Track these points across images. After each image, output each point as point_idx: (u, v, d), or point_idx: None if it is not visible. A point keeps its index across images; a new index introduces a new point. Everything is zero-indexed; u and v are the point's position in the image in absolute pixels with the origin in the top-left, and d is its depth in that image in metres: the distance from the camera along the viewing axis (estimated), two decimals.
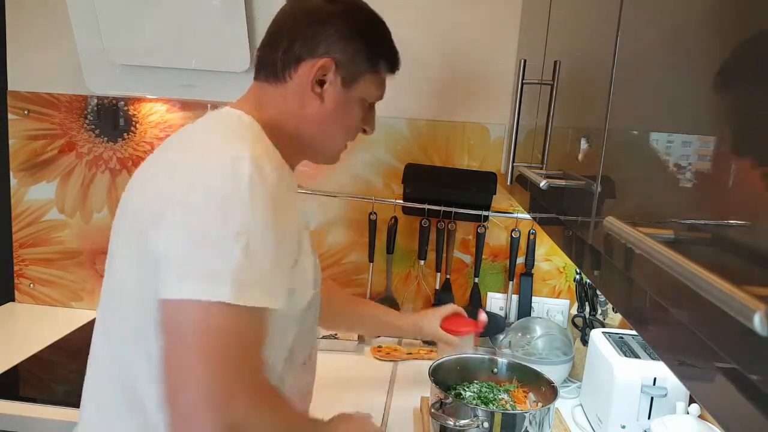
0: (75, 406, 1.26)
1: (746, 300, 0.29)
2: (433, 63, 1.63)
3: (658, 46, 0.53)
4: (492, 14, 1.59)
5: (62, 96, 1.73)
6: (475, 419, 1.11)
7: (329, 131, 0.92)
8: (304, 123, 0.89)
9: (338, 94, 0.88)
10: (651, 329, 0.51)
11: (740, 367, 0.34)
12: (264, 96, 0.90)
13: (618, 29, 0.62)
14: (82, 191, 1.78)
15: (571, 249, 0.80)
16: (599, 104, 0.66)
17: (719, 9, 0.43)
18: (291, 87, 0.88)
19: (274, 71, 0.88)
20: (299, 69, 0.87)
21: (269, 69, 0.89)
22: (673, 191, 0.47)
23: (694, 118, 0.45)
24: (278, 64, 0.87)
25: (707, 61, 0.43)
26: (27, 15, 1.71)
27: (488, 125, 1.64)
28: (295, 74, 0.87)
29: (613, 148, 0.63)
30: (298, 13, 0.89)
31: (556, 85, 0.88)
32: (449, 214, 1.64)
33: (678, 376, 0.45)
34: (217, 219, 0.70)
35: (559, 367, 1.45)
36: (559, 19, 0.99)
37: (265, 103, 0.89)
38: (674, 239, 0.44)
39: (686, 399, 1.13)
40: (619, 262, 0.56)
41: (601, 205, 0.63)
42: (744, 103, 0.37)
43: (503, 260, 1.70)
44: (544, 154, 0.90)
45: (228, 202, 0.71)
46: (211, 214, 0.70)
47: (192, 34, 1.41)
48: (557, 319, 1.66)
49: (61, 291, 1.84)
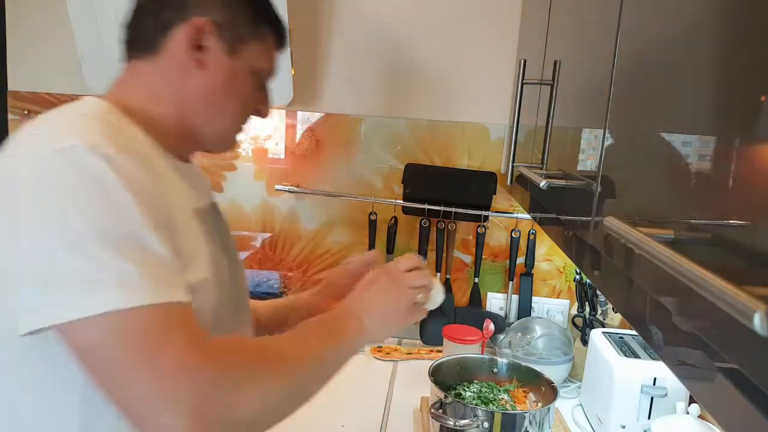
0: None
1: (746, 300, 0.29)
2: (433, 63, 1.63)
3: (658, 46, 0.53)
4: (492, 14, 1.59)
5: (62, 96, 1.73)
6: (475, 419, 1.11)
7: (218, 107, 0.78)
8: (188, 100, 0.76)
9: (222, 62, 0.76)
10: (651, 329, 0.51)
11: (740, 367, 0.34)
12: (136, 76, 0.77)
13: (618, 29, 0.62)
14: None
15: (571, 249, 0.80)
16: (599, 104, 0.66)
17: (719, 9, 0.43)
18: (165, 59, 0.74)
19: (144, 43, 0.75)
20: (173, 34, 0.74)
21: (138, 42, 0.76)
22: (673, 191, 0.47)
23: (694, 118, 0.45)
24: (147, 32, 0.75)
25: (707, 61, 0.43)
26: (27, 15, 1.71)
27: (488, 125, 1.64)
28: (167, 42, 0.74)
29: (613, 148, 0.62)
30: None
31: (556, 85, 0.88)
32: (449, 214, 1.64)
33: (678, 376, 0.45)
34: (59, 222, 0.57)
35: (559, 367, 1.45)
36: (559, 19, 0.99)
37: (138, 83, 0.76)
38: (674, 239, 0.44)
39: (686, 399, 1.13)
40: (619, 262, 0.56)
41: (601, 205, 0.63)
42: (744, 103, 0.37)
43: (503, 260, 1.70)
44: (544, 154, 0.90)
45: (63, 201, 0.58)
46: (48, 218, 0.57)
47: None
48: (557, 319, 1.66)
49: None
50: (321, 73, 1.67)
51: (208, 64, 0.75)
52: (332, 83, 1.67)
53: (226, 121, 0.80)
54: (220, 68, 0.76)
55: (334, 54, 1.66)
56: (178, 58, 0.74)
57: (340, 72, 1.66)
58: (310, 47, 1.65)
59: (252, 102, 0.82)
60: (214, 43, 0.75)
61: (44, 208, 0.58)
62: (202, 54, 0.75)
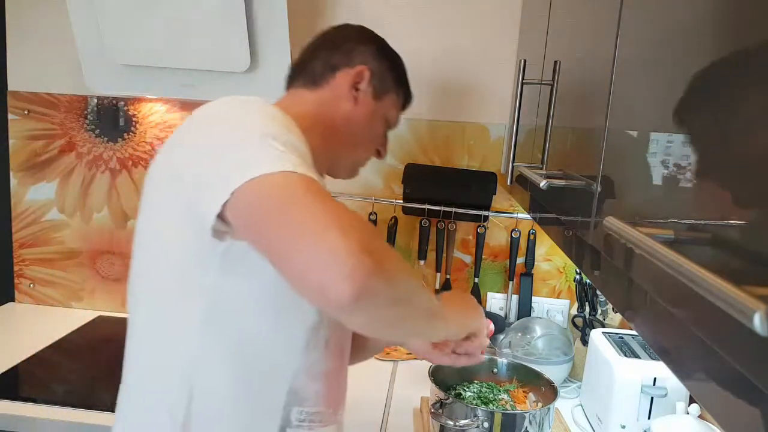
0: (74, 406, 1.28)
1: (746, 300, 0.29)
2: (433, 63, 1.63)
3: (658, 46, 0.53)
4: (492, 14, 1.59)
5: (62, 96, 1.73)
6: (475, 419, 1.11)
7: (356, 137, 0.97)
8: (335, 126, 0.93)
9: (369, 102, 0.96)
10: (651, 329, 0.51)
11: (740, 366, 0.34)
12: (298, 98, 0.94)
13: (618, 29, 0.62)
14: (82, 191, 1.78)
15: (571, 249, 0.80)
16: (599, 104, 0.66)
17: (719, 9, 0.43)
18: (327, 91, 0.94)
19: (312, 77, 0.95)
20: (337, 76, 0.95)
21: (307, 76, 0.96)
22: (673, 191, 0.47)
23: (694, 117, 0.45)
24: (317, 70, 0.95)
25: (707, 61, 0.43)
26: (27, 15, 1.71)
27: (488, 125, 1.64)
28: (332, 80, 0.95)
29: (613, 148, 0.62)
30: (336, 35, 1.01)
31: (556, 85, 0.88)
32: (449, 214, 1.64)
33: (678, 376, 0.45)
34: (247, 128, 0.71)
35: (559, 367, 1.45)
36: (559, 19, 0.99)
37: (299, 103, 0.93)
38: (674, 239, 0.44)
39: (686, 399, 1.13)
40: (619, 262, 0.56)
41: (601, 205, 0.63)
42: (744, 103, 0.37)
43: (503, 260, 1.70)
44: (544, 154, 0.90)
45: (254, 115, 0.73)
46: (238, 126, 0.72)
47: (192, 33, 1.41)
48: (557, 319, 1.66)
49: (61, 291, 1.84)
50: None
51: (359, 101, 0.95)
52: None
53: (357, 150, 0.99)
54: (366, 107, 0.96)
55: None
56: (337, 93, 0.94)
57: None
58: None
59: (378, 142, 1.02)
60: (366, 86, 0.95)
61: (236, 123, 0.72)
62: (357, 93, 0.95)
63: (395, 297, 0.65)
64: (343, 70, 0.95)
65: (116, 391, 0.84)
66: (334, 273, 0.57)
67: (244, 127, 0.71)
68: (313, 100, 0.94)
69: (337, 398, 0.87)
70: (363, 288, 0.57)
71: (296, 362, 0.79)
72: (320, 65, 0.96)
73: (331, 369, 0.83)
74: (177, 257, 0.75)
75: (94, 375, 1.45)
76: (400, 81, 1.02)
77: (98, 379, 1.43)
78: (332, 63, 0.95)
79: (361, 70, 0.94)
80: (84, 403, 1.28)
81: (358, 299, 0.57)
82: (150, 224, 0.80)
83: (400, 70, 1.03)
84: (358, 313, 0.61)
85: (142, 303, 0.81)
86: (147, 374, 0.80)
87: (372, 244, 0.60)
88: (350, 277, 0.57)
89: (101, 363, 1.51)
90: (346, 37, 0.99)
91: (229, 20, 1.38)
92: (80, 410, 1.26)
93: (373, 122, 0.98)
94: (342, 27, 1.03)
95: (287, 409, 0.78)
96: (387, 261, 0.63)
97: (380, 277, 0.60)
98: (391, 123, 1.03)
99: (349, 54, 0.96)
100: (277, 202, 0.63)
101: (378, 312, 0.64)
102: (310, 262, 0.58)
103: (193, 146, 0.74)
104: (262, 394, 0.78)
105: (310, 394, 0.80)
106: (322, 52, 0.97)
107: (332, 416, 0.86)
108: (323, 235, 0.58)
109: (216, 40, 1.41)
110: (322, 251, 0.58)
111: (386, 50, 1.01)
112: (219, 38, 1.41)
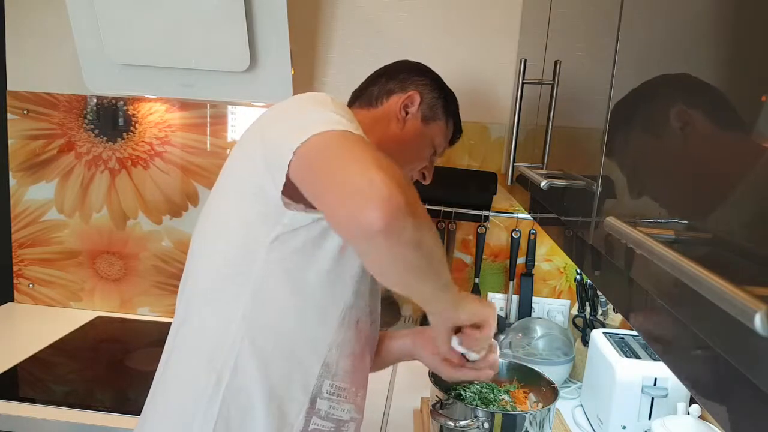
0: (73, 407, 1.28)
1: (747, 300, 0.28)
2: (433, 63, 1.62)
3: (658, 46, 0.53)
4: (492, 14, 1.59)
5: (61, 96, 1.73)
6: (476, 420, 1.11)
7: (401, 155, 1.03)
8: (383, 143, 1.01)
9: (416, 125, 1.07)
10: (651, 330, 0.50)
11: (740, 367, 0.34)
12: (354, 115, 1.00)
13: (618, 29, 0.62)
14: (82, 191, 1.78)
15: (572, 249, 0.80)
16: (599, 104, 0.66)
17: (720, 8, 0.43)
18: (380, 112, 1.07)
19: (368, 100, 1.08)
20: (390, 99, 1.07)
21: (364, 99, 1.09)
22: (674, 191, 0.47)
23: (694, 117, 0.45)
24: (374, 94, 1.08)
25: (707, 61, 0.43)
26: (27, 15, 1.71)
27: (488, 125, 1.64)
28: (386, 103, 1.07)
29: (614, 148, 0.62)
30: (395, 67, 1.13)
31: (556, 85, 0.88)
32: (449, 214, 1.64)
33: (678, 377, 0.45)
34: (311, 106, 0.80)
35: (559, 368, 1.45)
36: (559, 19, 0.99)
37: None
38: (674, 239, 0.44)
39: (687, 399, 1.13)
40: (620, 263, 0.56)
41: (602, 205, 0.63)
42: (744, 103, 0.37)
43: (504, 260, 1.69)
44: (545, 154, 0.90)
45: (318, 99, 0.81)
46: (304, 106, 0.81)
47: (192, 33, 1.41)
48: (558, 320, 1.66)
49: (61, 291, 1.84)
50: (320, 74, 1.67)
51: (408, 122, 1.06)
52: (332, 83, 1.67)
53: (403, 169, 1.02)
54: (414, 129, 1.07)
55: (333, 54, 1.66)
56: (389, 114, 1.06)
57: (340, 72, 1.66)
58: (311, 47, 1.65)
59: (423, 164, 1.12)
60: (415, 110, 1.07)
61: (308, 105, 0.81)
62: (406, 115, 1.07)
63: (418, 241, 0.69)
64: (397, 94, 1.07)
65: (116, 391, 0.85)
66: (369, 199, 0.63)
67: (315, 107, 0.79)
68: (366, 118, 1.05)
69: (360, 379, 0.94)
70: (393, 219, 0.63)
71: (331, 337, 0.86)
72: (377, 90, 1.08)
73: (357, 351, 0.90)
74: (240, 222, 0.83)
75: (93, 375, 1.45)
76: (449, 111, 1.12)
77: (97, 379, 1.43)
78: (388, 88, 1.08)
79: (412, 95, 1.06)
80: (83, 404, 1.28)
81: (386, 229, 0.63)
82: (217, 206, 0.87)
83: (450, 102, 1.13)
84: (381, 245, 0.66)
85: (201, 277, 0.86)
86: (192, 345, 0.85)
87: (408, 192, 0.67)
88: (382, 207, 0.63)
89: (100, 363, 1.51)
90: (404, 69, 1.12)
91: (228, 20, 1.38)
92: (79, 410, 1.26)
93: (420, 144, 1.09)
94: (402, 61, 1.16)
95: (320, 379, 0.86)
96: (418, 207, 0.69)
97: (409, 216, 0.65)
98: (437, 149, 1.12)
99: (404, 82, 1.08)
100: (333, 148, 0.71)
101: (399, 250, 0.68)
102: (348, 190, 0.66)
103: (265, 128, 0.82)
104: (302, 365, 0.85)
105: (340, 370, 0.88)
106: (381, 79, 1.10)
107: (354, 395, 0.92)
108: (365, 170, 0.65)
109: (215, 39, 1.41)
110: (362, 181, 0.65)
111: (439, 83, 1.12)
112: (218, 38, 1.41)
